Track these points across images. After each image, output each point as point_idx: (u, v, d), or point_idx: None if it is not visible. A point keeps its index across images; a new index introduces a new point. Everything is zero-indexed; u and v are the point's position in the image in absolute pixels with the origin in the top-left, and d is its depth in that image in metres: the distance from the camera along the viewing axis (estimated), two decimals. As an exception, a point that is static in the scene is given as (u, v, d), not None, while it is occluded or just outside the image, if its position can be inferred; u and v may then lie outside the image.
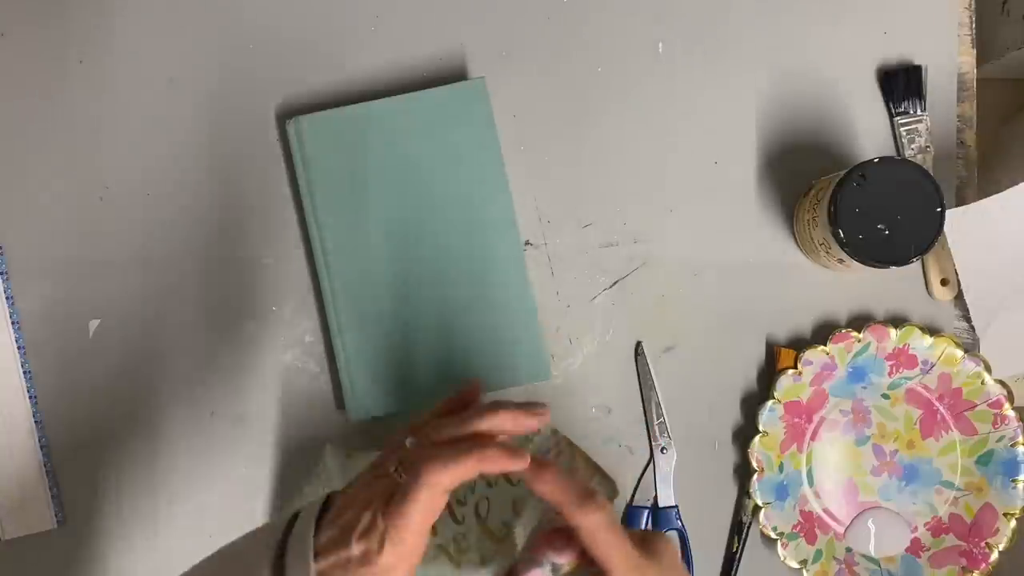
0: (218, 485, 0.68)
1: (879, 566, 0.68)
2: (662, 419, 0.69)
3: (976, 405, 0.68)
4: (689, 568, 0.69)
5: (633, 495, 0.69)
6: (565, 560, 0.46)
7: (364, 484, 0.46)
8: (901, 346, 0.67)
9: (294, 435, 0.68)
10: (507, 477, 0.61)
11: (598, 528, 0.44)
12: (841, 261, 0.64)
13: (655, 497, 0.68)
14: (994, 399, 0.67)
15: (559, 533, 0.46)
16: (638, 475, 0.69)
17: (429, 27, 0.70)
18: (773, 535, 0.66)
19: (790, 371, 0.67)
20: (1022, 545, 0.67)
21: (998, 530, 0.67)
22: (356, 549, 0.42)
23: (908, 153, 0.70)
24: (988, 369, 0.67)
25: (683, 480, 0.69)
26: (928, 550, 0.68)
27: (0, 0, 0.70)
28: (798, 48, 0.71)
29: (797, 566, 0.67)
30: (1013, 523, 0.66)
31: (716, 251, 0.70)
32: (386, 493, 0.45)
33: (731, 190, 0.70)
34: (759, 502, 0.67)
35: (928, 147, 0.70)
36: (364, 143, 0.67)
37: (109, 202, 0.69)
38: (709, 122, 0.71)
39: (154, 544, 0.68)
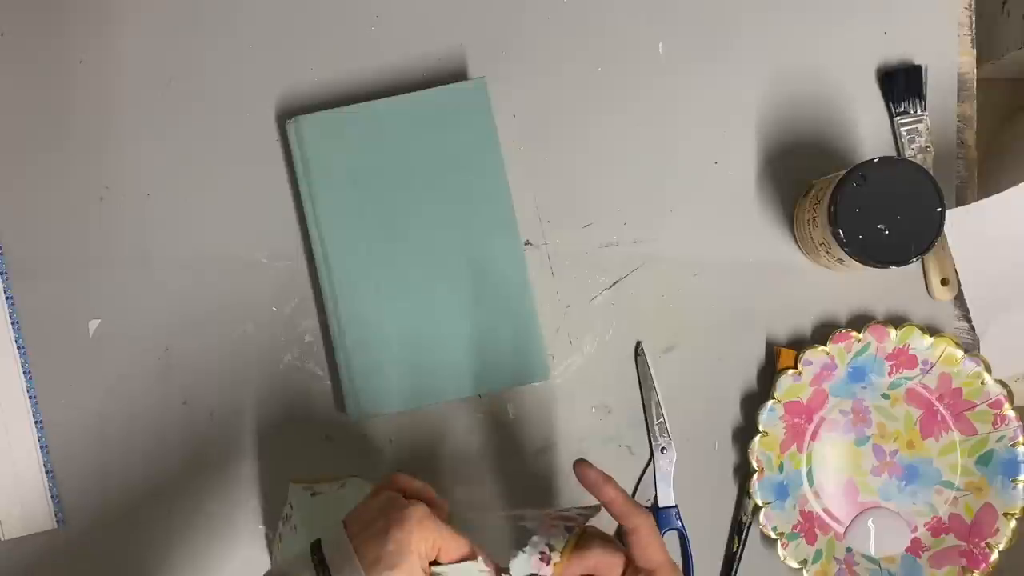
0: (218, 484, 0.68)
1: (879, 566, 0.68)
2: (662, 419, 0.69)
3: (976, 405, 0.68)
4: (689, 568, 0.69)
5: (633, 495, 0.69)
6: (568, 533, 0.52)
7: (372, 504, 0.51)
8: (901, 346, 0.67)
9: (294, 435, 0.68)
10: None
11: (648, 530, 0.52)
12: (841, 261, 0.64)
13: (655, 497, 0.68)
14: (994, 399, 0.67)
15: (561, 518, 0.54)
16: (638, 475, 0.69)
17: (429, 27, 0.70)
18: (773, 535, 0.66)
19: (790, 371, 0.67)
20: (1022, 545, 0.67)
21: (998, 530, 0.67)
22: (378, 523, 0.47)
23: (908, 153, 0.70)
24: (988, 369, 0.67)
25: (683, 480, 0.69)
26: (928, 550, 0.68)
27: (1, 1, 0.70)
28: (798, 48, 0.71)
29: (797, 566, 0.67)
30: (1013, 523, 0.66)
31: (716, 251, 0.70)
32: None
33: (731, 190, 0.70)
34: (759, 502, 0.67)
35: (928, 147, 0.70)
36: (364, 143, 0.67)
37: (109, 202, 0.69)
38: (709, 122, 0.71)
39: (153, 544, 0.68)
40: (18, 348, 0.67)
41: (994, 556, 0.66)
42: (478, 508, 0.67)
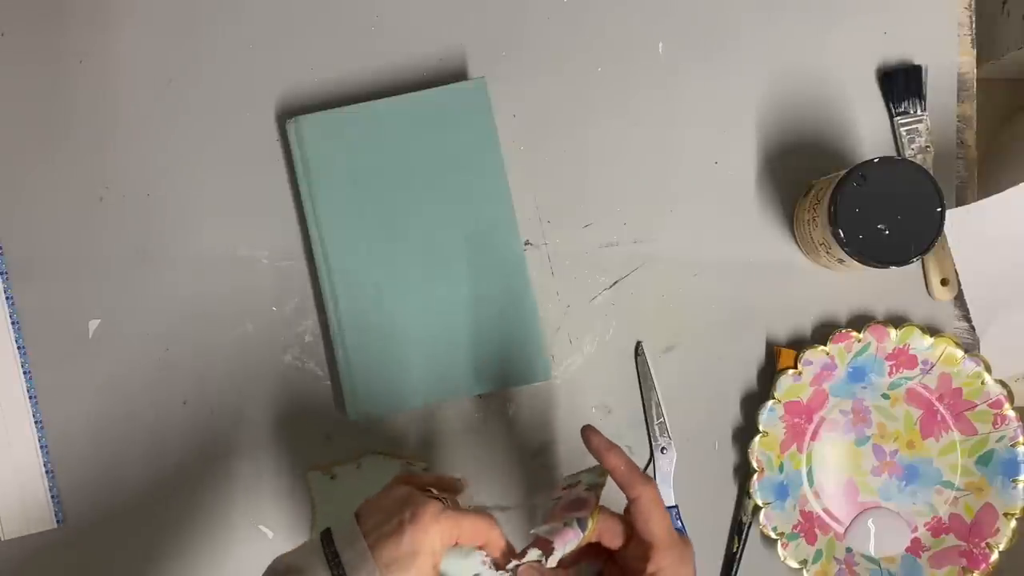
0: (218, 484, 0.68)
1: (879, 566, 0.68)
2: (662, 419, 0.69)
3: (976, 405, 0.68)
4: (689, 568, 0.69)
5: (633, 495, 0.69)
6: (586, 513, 0.51)
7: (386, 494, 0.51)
8: (901, 346, 0.67)
9: (294, 435, 0.68)
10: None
11: (651, 500, 0.51)
12: (841, 261, 0.64)
13: (655, 497, 0.68)
14: (994, 399, 0.67)
15: (573, 503, 0.53)
16: (638, 475, 0.69)
17: (429, 27, 0.70)
18: (773, 535, 0.66)
19: (790, 371, 0.67)
20: (1022, 545, 0.67)
21: (998, 530, 0.67)
22: (393, 522, 0.47)
23: (908, 153, 0.70)
24: (988, 369, 0.67)
25: (683, 480, 0.69)
26: (928, 550, 0.68)
27: (0, 0, 0.70)
28: (798, 48, 0.71)
29: (797, 566, 0.67)
30: (1013, 523, 0.66)
31: (716, 251, 0.70)
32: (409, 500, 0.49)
33: (731, 190, 0.70)
34: (759, 502, 0.67)
35: (928, 147, 0.70)
36: (364, 143, 0.67)
37: (109, 202, 0.69)
38: (709, 122, 0.71)
39: (153, 543, 0.68)
40: (18, 348, 0.67)
41: (994, 556, 0.66)
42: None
